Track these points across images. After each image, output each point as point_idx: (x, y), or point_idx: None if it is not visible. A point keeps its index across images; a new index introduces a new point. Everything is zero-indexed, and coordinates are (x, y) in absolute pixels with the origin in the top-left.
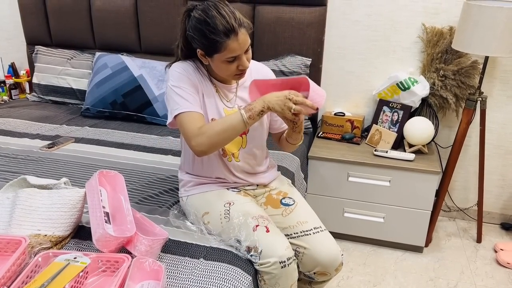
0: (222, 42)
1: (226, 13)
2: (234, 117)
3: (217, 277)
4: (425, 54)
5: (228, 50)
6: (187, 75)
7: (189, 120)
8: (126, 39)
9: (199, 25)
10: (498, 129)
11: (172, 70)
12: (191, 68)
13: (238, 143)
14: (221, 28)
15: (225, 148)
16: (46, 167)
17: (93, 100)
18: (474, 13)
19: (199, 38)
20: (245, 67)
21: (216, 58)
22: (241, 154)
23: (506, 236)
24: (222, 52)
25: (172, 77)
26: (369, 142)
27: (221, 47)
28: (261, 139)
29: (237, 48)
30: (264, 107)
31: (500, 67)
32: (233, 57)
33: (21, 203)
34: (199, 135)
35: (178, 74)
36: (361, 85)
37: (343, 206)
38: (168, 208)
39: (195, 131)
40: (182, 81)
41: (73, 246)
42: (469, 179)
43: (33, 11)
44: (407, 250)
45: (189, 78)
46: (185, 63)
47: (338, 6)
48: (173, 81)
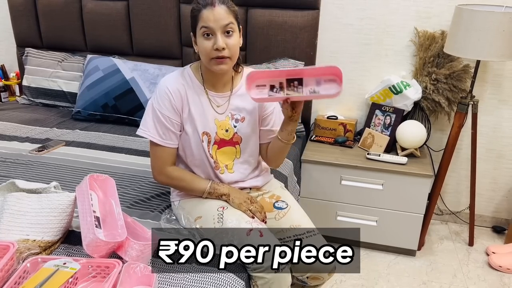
0: (198, 10)
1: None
2: (200, 185)
3: (210, 283)
4: (417, 58)
5: (202, 19)
6: (173, 99)
7: (157, 154)
8: (118, 41)
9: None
10: (490, 132)
11: (161, 86)
12: (183, 83)
13: (232, 154)
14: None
15: (217, 161)
16: (36, 171)
17: (84, 103)
18: (466, 17)
19: (190, 20)
20: (218, 46)
21: (197, 34)
22: (235, 165)
23: (497, 239)
24: (198, 22)
25: (159, 95)
26: (362, 146)
27: (198, 17)
28: (255, 147)
29: (211, 19)
30: (226, 194)
31: (491, 71)
32: (207, 29)
33: (10, 208)
34: (162, 174)
35: (163, 96)
36: (354, 88)
37: (336, 210)
38: (160, 213)
39: (160, 168)
40: (164, 105)
41: (62, 251)
42: (461, 182)
43: (24, 13)
44: (400, 253)
45: (173, 101)
46: (178, 77)
47: (330, 10)
48: (156, 101)
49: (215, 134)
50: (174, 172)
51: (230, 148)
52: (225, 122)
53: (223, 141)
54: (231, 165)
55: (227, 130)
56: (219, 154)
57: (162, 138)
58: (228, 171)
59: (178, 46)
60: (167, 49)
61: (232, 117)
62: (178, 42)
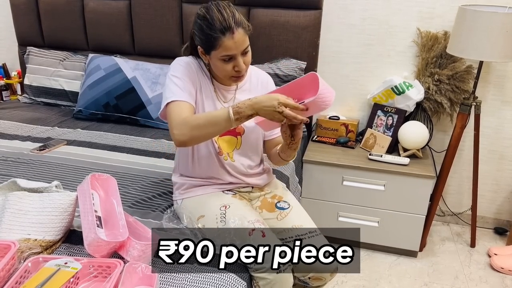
0: (217, 38)
1: (225, 12)
2: (222, 114)
3: (211, 283)
4: (419, 58)
5: (223, 47)
6: (188, 69)
7: (177, 109)
8: (120, 40)
9: (199, 21)
10: (492, 134)
11: (175, 63)
12: (194, 65)
13: (232, 143)
14: (217, 24)
15: (220, 147)
16: (37, 170)
17: (86, 102)
18: (469, 18)
19: (199, 34)
20: (240, 69)
21: (213, 55)
22: (235, 155)
23: (499, 240)
24: (217, 49)
25: (174, 68)
26: (364, 146)
27: (216, 44)
28: (256, 143)
29: (232, 47)
30: (254, 113)
31: (494, 72)
32: (228, 56)
33: (11, 207)
34: (182, 125)
35: (179, 66)
36: (356, 89)
37: (338, 210)
38: (161, 212)
39: (179, 120)
40: (182, 73)
41: (64, 251)
42: (463, 183)
43: (25, 12)
44: (402, 254)
45: (189, 72)
46: (189, 59)
47: (333, 10)
48: (173, 71)
49: None
50: (192, 117)
51: (231, 137)
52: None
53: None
54: (232, 154)
55: None
56: (220, 141)
57: (183, 92)
58: (230, 159)
59: (180, 46)
60: (168, 49)
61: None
62: (180, 41)
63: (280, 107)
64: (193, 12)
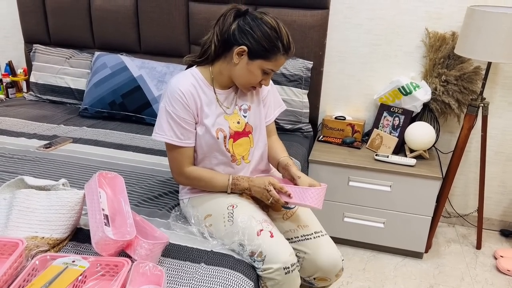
0: (277, 52)
1: (289, 34)
2: (221, 181)
3: (219, 283)
4: (427, 59)
5: (275, 62)
6: (187, 98)
7: (178, 156)
8: (126, 39)
9: (267, 28)
10: (499, 135)
11: (173, 89)
12: (193, 83)
13: (247, 144)
14: (285, 42)
15: (234, 153)
16: (43, 168)
17: (92, 100)
18: (478, 18)
19: (258, 38)
20: (266, 84)
21: (256, 63)
22: (251, 154)
23: (505, 243)
24: (269, 61)
25: (171, 98)
26: (370, 147)
27: (272, 57)
28: (263, 131)
29: (279, 66)
30: (248, 188)
31: (502, 73)
32: (270, 70)
33: (18, 205)
34: (182, 177)
35: (177, 101)
36: (362, 89)
37: (343, 211)
38: (168, 211)
39: (179, 169)
40: (178, 107)
41: (71, 249)
42: (469, 185)
43: (32, 9)
44: (407, 256)
45: (188, 101)
46: (188, 77)
47: (340, 10)
48: (169, 104)
49: (229, 128)
50: (193, 173)
51: (244, 139)
52: (235, 115)
53: (237, 133)
54: (247, 155)
55: (238, 122)
56: (235, 147)
57: (180, 139)
58: (244, 162)
59: (186, 44)
60: (175, 47)
61: (240, 108)
62: (186, 40)
63: (269, 186)
64: (200, 11)
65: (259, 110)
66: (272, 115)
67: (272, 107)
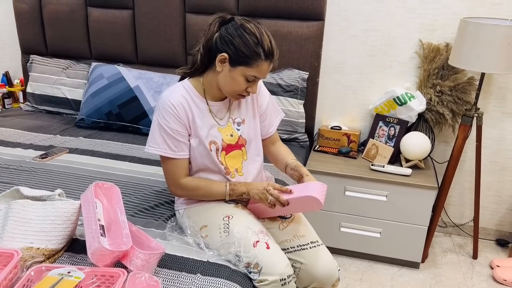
0: (258, 58)
1: (271, 39)
2: (219, 189)
3: None
4: (421, 69)
5: (257, 69)
6: (179, 111)
7: (174, 169)
8: (123, 49)
9: (245, 33)
10: (494, 145)
11: (164, 102)
12: (184, 95)
13: (239, 157)
14: (266, 47)
15: (228, 166)
16: (39, 178)
17: (88, 110)
18: (471, 30)
19: (238, 45)
20: (253, 92)
21: (238, 70)
22: (244, 167)
23: (501, 252)
24: (251, 67)
25: (163, 111)
26: (366, 157)
27: (253, 63)
28: (259, 145)
29: (263, 72)
30: (245, 192)
31: (496, 84)
32: (254, 77)
33: (14, 215)
34: (179, 189)
35: (169, 114)
36: (358, 99)
37: (340, 221)
38: (164, 221)
39: (175, 182)
40: (170, 119)
41: (66, 259)
42: (464, 194)
43: (29, 20)
44: (404, 265)
45: (180, 113)
46: (179, 89)
47: (335, 21)
48: (161, 117)
49: (221, 141)
50: (189, 183)
51: (237, 151)
52: (228, 128)
53: (230, 146)
54: (240, 168)
55: (231, 135)
56: (228, 159)
57: (174, 151)
58: (238, 174)
59: (183, 55)
60: (171, 58)
61: (234, 121)
62: (183, 51)
63: (268, 186)
64: (196, 22)
65: (255, 123)
66: (274, 123)
67: (273, 116)
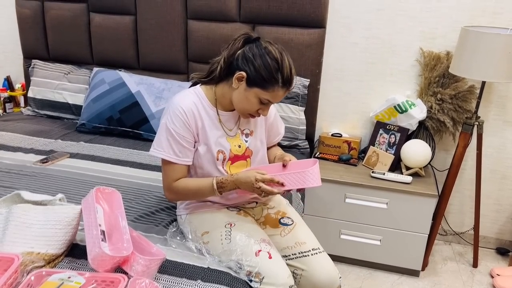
0: (275, 83)
1: (292, 67)
2: (207, 186)
3: None
4: (422, 77)
5: (272, 94)
6: (188, 117)
7: (171, 173)
8: (125, 55)
9: (268, 58)
10: (494, 153)
11: (175, 106)
12: (195, 102)
13: (243, 167)
14: (285, 73)
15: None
16: (40, 183)
17: (89, 115)
18: (472, 39)
19: (258, 67)
20: (264, 115)
21: (253, 91)
22: None
23: (502, 261)
24: (266, 91)
25: (173, 115)
26: (366, 164)
27: (270, 87)
28: (263, 157)
29: (277, 98)
30: (236, 187)
31: (496, 92)
32: (267, 101)
33: (15, 219)
34: (171, 192)
35: (178, 119)
36: (358, 106)
37: (340, 228)
38: (165, 227)
39: (169, 185)
40: (179, 125)
41: (66, 265)
42: (465, 203)
43: (32, 25)
44: (404, 273)
45: (189, 119)
46: (191, 96)
47: (336, 28)
48: (170, 121)
49: (229, 151)
50: (179, 185)
51: (242, 162)
52: (237, 139)
53: (236, 156)
54: None
55: (239, 146)
56: (232, 169)
57: (178, 156)
58: None
59: (184, 61)
60: (173, 64)
61: (242, 132)
62: (185, 57)
63: (257, 183)
64: (198, 28)
65: (262, 134)
66: (280, 133)
67: (279, 126)
